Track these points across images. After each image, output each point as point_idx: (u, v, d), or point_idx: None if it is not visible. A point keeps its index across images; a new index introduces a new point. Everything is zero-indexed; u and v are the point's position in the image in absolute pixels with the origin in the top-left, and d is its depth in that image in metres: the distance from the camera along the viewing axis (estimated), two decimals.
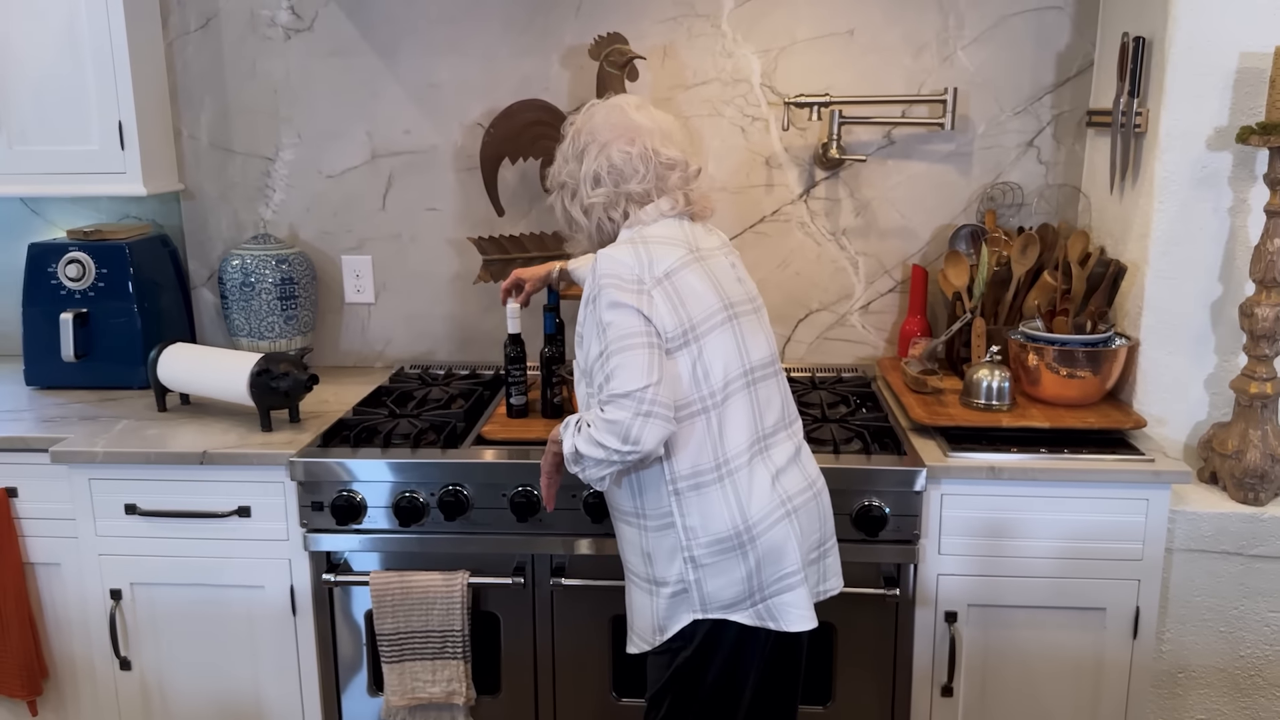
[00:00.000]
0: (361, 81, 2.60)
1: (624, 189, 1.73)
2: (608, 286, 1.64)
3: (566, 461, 1.68)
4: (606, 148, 1.73)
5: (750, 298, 1.78)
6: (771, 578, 1.67)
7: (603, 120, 1.77)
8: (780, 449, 1.72)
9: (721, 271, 1.73)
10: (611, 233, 1.78)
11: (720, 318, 1.67)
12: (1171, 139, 2.11)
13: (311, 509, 2.09)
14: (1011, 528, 2.05)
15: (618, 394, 1.58)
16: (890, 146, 2.55)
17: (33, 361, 2.56)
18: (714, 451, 1.65)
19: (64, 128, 2.44)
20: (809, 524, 1.72)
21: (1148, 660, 2.09)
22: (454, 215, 2.66)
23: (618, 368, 1.59)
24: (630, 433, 1.56)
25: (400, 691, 2.11)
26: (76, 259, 2.52)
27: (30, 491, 2.22)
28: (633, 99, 1.83)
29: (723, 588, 1.66)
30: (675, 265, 1.66)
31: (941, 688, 2.12)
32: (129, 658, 2.22)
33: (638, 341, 1.60)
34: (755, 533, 1.65)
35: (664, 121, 1.79)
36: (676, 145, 1.78)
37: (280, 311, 2.55)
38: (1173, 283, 2.17)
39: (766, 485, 1.67)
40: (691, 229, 1.76)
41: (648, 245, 1.68)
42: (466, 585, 2.06)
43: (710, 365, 1.65)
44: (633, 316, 1.61)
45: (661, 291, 1.63)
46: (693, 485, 1.65)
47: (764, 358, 1.74)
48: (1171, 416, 2.22)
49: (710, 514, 1.64)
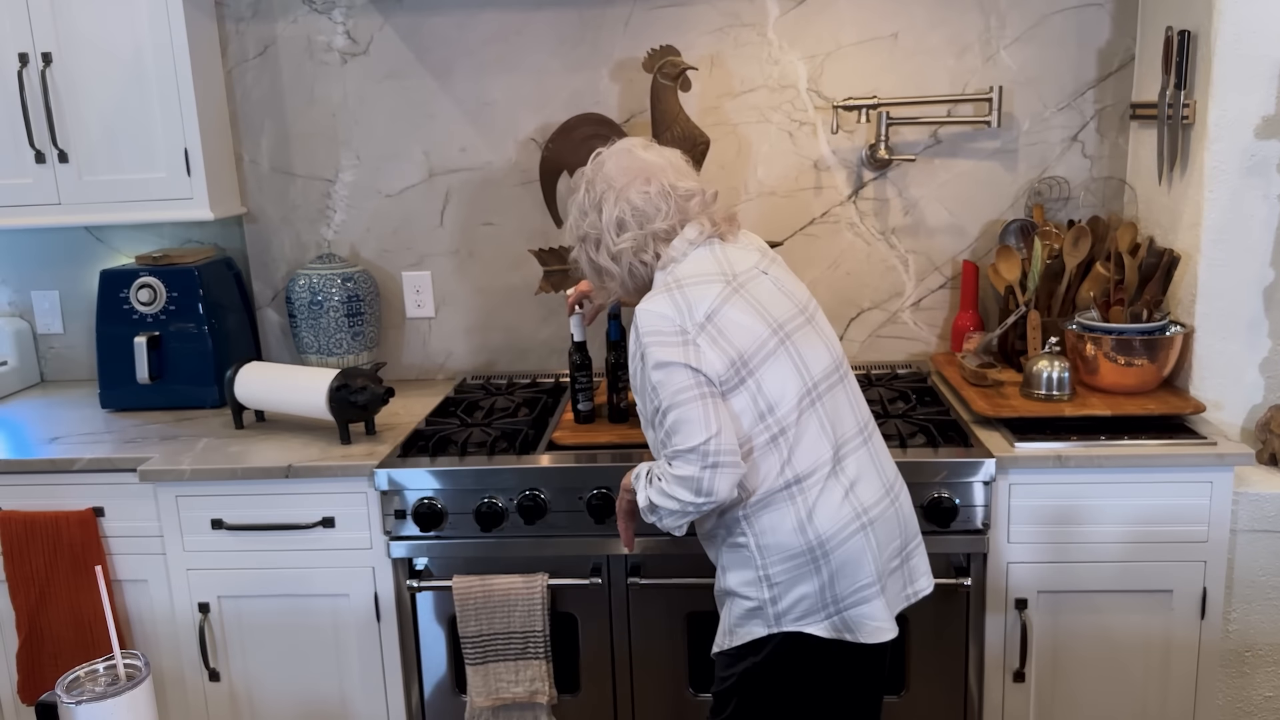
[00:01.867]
0: (417, 102, 2.67)
1: (650, 229, 1.71)
2: (651, 345, 1.63)
3: (642, 512, 1.70)
4: (625, 191, 1.72)
5: (800, 308, 1.74)
6: (847, 590, 1.66)
7: (615, 166, 1.75)
8: (853, 459, 1.69)
9: (764, 293, 1.69)
10: (645, 276, 1.76)
11: (772, 344, 1.64)
12: (1220, 129, 2.16)
13: (395, 517, 2.15)
14: (1078, 514, 2.09)
15: (681, 450, 1.59)
16: (937, 145, 2.61)
17: (108, 385, 2.63)
18: (784, 473, 1.64)
19: (131, 157, 2.52)
20: (887, 533, 1.70)
21: (1215, 640, 2.13)
22: (510, 229, 2.72)
23: (676, 424, 1.60)
24: (702, 485, 1.58)
25: (485, 692, 2.17)
26: (148, 284, 2.59)
27: (116, 510, 2.29)
28: (638, 140, 1.82)
29: (797, 602, 1.66)
30: (716, 304, 1.64)
31: (1014, 674, 2.16)
32: (218, 669, 2.29)
33: (691, 395, 1.59)
34: (829, 547, 1.63)
35: (672, 156, 1.78)
36: (689, 175, 1.77)
37: (348, 328, 2.62)
38: (1225, 270, 2.21)
39: (838, 500, 1.65)
40: (723, 252, 1.72)
41: (683, 289, 1.65)
42: (546, 587, 2.12)
43: (771, 395, 1.63)
44: (681, 372, 1.60)
45: (706, 337, 1.61)
46: (763, 505, 1.65)
47: (826, 367, 1.70)
48: (1228, 401, 2.26)
49: (782, 530, 1.64)
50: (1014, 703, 2.18)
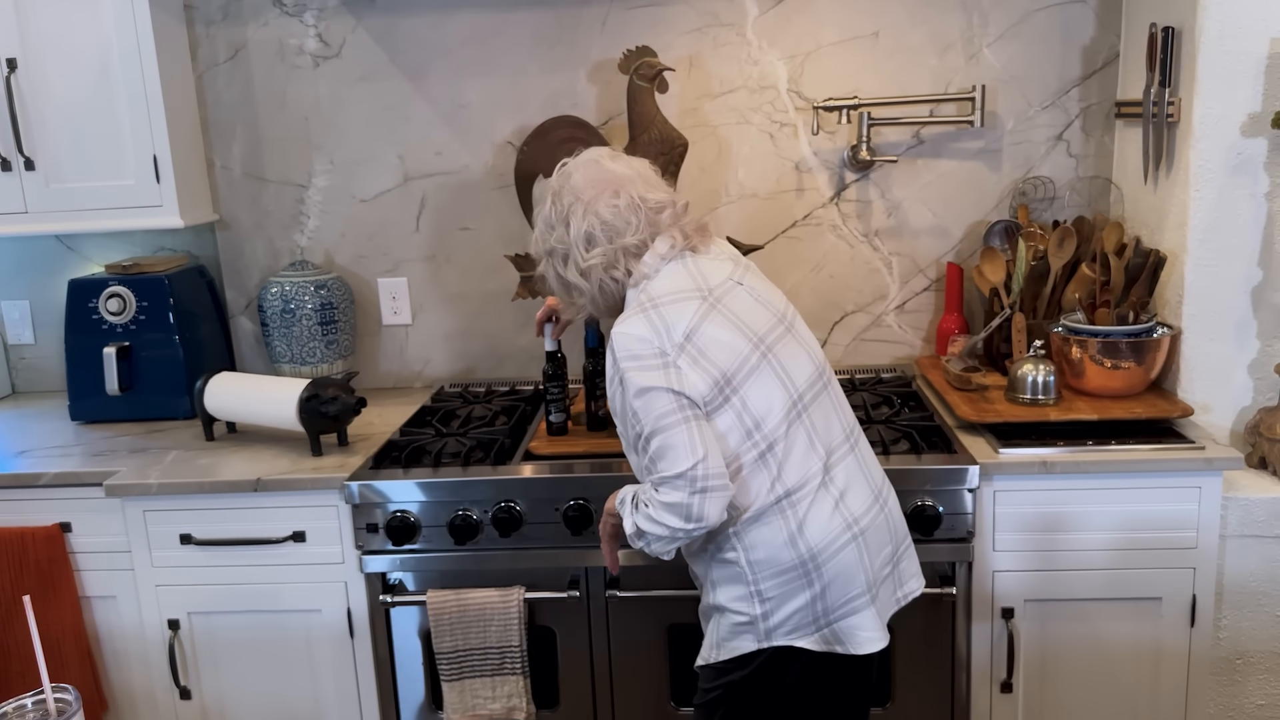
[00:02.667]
0: (391, 105, 2.62)
1: (620, 243, 1.66)
2: (630, 371, 1.58)
3: (629, 539, 1.67)
4: (593, 204, 1.66)
5: (779, 317, 1.69)
6: (838, 602, 1.62)
7: (583, 178, 1.69)
8: (842, 467, 1.65)
9: (741, 306, 1.65)
10: (615, 293, 1.71)
11: (754, 359, 1.60)
12: (1205, 127, 2.12)
13: (366, 531, 2.10)
14: (1065, 521, 2.05)
15: (668, 476, 1.55)
16: (920, 146, 2.57)
17: (77, 396, 2.58)
18: (775, 489, 1.60)
19: (100, 164, 2.46)
20: (878, 540, 1.66)
21: (1206, 648, 2.09)
22: (487, 234, 2.68)
23: (661, 449, 1.56)
24: (691, 511, 1.55)
25: (461, 709, 2.12)
26: (117, 293, 2.54)
27: (84, 526, 2.23)
28: (605, 150, 1.77)
29: (788, 617, 1.63)
30: (694, 322, 1.59)
31: (1000, 684, 2.12)
32: (188, 687, 2.24)
33: (674, 420, 1.55)
34: (821, 560, 1.60)
35: (641, 167, 1.73)
36: (659, 186, 1.72)
37: (321, 337, 2.57)
38: (1212, 270, 2.17)
39: (829, 511, 1.61)
40: (696, 266, 1.67)
41: (659, 309, 1.60)
42: (523, 600, 2.07)
43: (757, 411, 1.59)
44: (663, 397, 1.56)
45: (687, 357, 1.57)
46: (754, 521, 1.62)
47: (810, 375, 1.66)
48: (1216, 403, 2.22)
49: (773, 545, 1.60)
50: (1001, 713, 2.14)
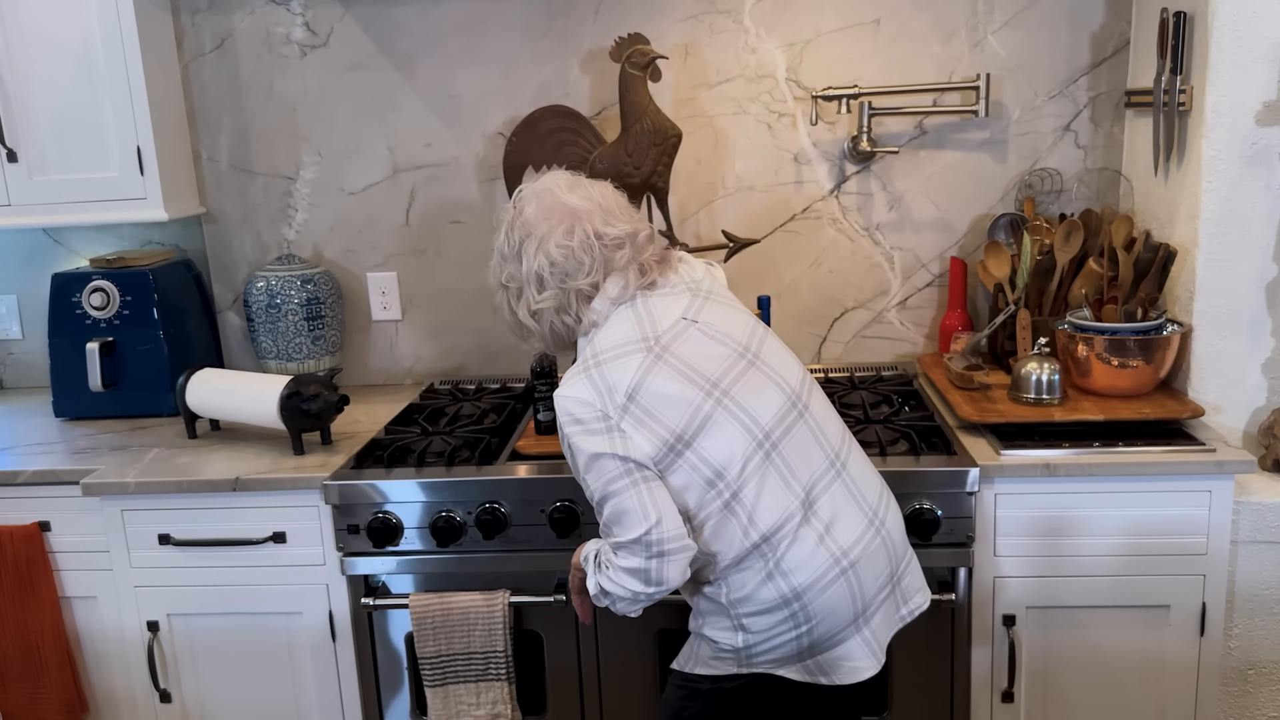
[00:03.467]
0: (380, 96, 2.56)
1: (571, 285, 1.60)
2: (574, 436, 1.52)
3: (593, 598, 1.63)
4: (544, 243, 1.59)
5: (740, 350, 1.58)
6: (825, 635, 1.57)
7: (535, 211, 1.62)
8: (826, 498, 1.56)
9: (692, 350, 1.55)
10: (565, 335, 1.67)
11: (707, 408, 1.51)
12: (1218, 116, 2.04)
13: (347, 532, 2.05)
14: (1069, 526, 1.97)
15: (624, 542, 1.51)
16: (922, 137, 2.49)
17: (61, 393, 2.53)
18: (749, 535, 1.52)
19: (83, 156, 2.41)
20: (872, 569, 1.58)
21: (1216, 657, 2.02)
22: (479, 227, 2.61)
23: (614, 515, 1.51)
24: (650, 575, 1.51)
25: (444, 716, 2.06)
26: (100, 287, 2.49)
27: (63, 524, 2.19)
28: (564, 178, 1.67)
29: (772, 649, 1.58)
30: (637, 379, 1.51)
31: (1001, 693, 2.05)
32: (169, 690, 2.19)
33: (622, 485, 1.49)
34: (807, 599, 1.53)
35: (602, 195, 1.64)
36: (621, 217, 1.63)
37: (307, 332, 2.52)
38: (1225, 265, 2.09)
39: (811, 547, 1.53)
40: (646, 309, 1.59)
41: (601, 368, 1.53)
42: (508, 604, 2.01)
43: (717, 461, 1.51)
44: (609, 462, 1.50)
45: (631, 419, 1.50)
46: (734, 566, 1.55)
47: (779, 409, 1.56)
48: (1228, 403, 2.14)
49: (753, 585, 1.55)
50: None
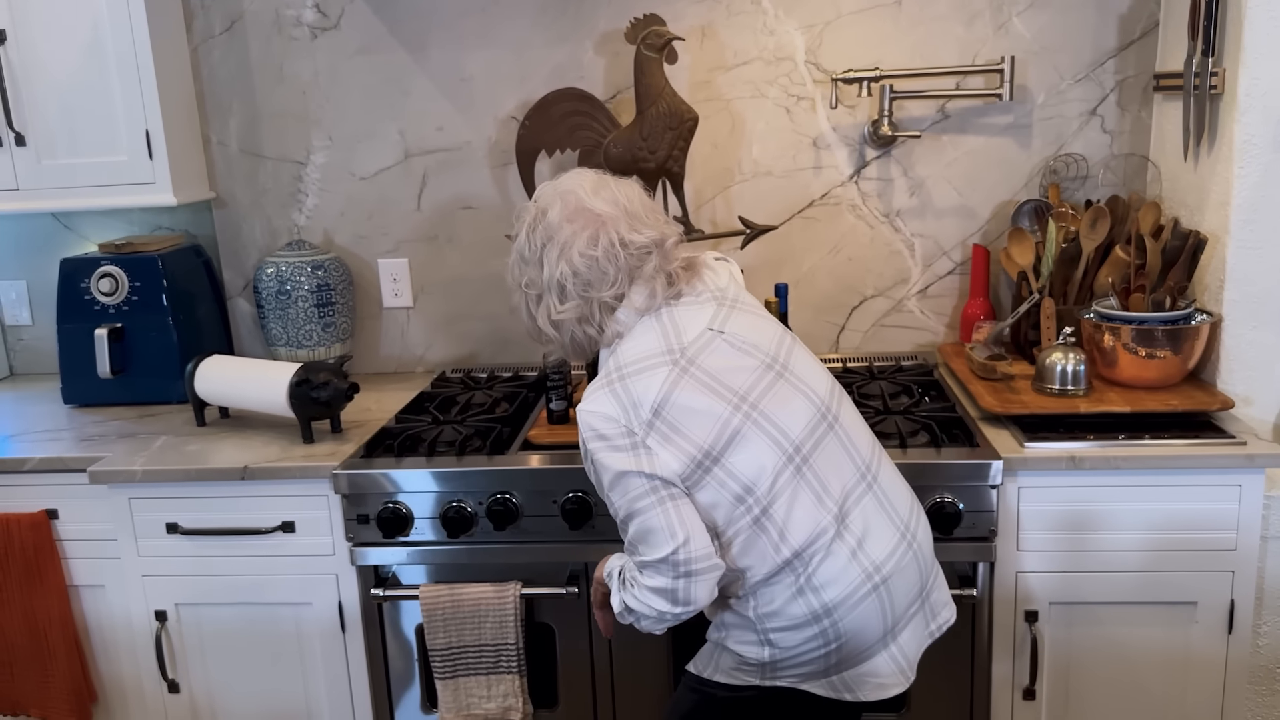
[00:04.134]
0: (391, 79, 2.52)
1: (594, 295, 1.54)
2: (598, 452, 1.47)
3: (617, 615, 1.57)
4: (567, 250, 1.53)
5: (769, 361, 1.53)
6: (853, 651, 1.52)
7: (558, 215, 1.55)
8: (858, 511, 1.51)
9: (719, 362, 1.50)
10: (586, 346, 1.61)
11: (736, 422, 1.46)
12: (1251, 99, 1.98)
13: (357, 522, 2.01)
14: (1094, 520, 1.93)
15: (650, 561, 1.46)
16: (945, 121, 2.43)
17: (70, 379, 2.51)
18: (780, 552, 1.47)
19: (91, 140, 2.39)
20: (904, 584, 1.53)
21: (1244, 656, 1.97)
22: (491, 213, 2.57)
23: (640, 534, 1.46)
24: (678, 596, 1.46)
25: (454, 709, 2.03)
26: (109, 273, 2.46)
27: (71, 513, 2.17)
28: (589, 179, 1.60)
29: (797, 666, 1.53)
30: (663, 393, 1.46)
31: (1023, 691, 2.00)
32: (177, 680, 2.17)
33: (648, 504, 1.45)
34: (838, 616, 1.48)
35: (628, 198, 1.57)
36: (647, 221, 1.56)
37: (318, 319, 2.49)
38: (1257, 253, 2.03)
39: (844, 562, 1.48)
40: (671, 320, 1.54)
41: (625, 382, 1.48)
42: (519, 596, 1.98)
43: (746, 476, 1.46)
44: (635, 480, 1.45)
45: (657, 436, 1.45)
46: (764, 582, 1.50)
47: (809, 421, 1.50)
48: (1258, 395, 2.08)
49: (782, 599, 1.49)
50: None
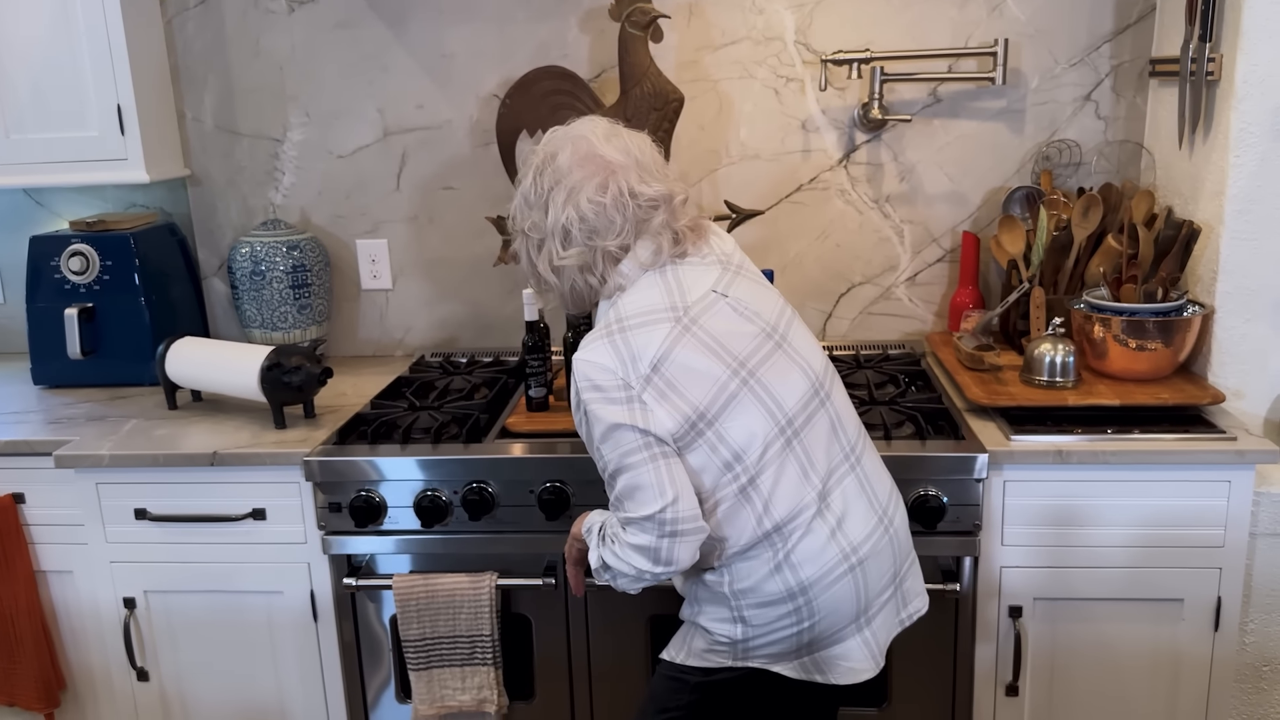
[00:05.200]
0: (370, 55, 2.46)
1: (598, 244, 1.50)
2: (592, 403, 1.44)
3: (594, 572, 1.55)
4: (575, 195, 1.48)
5: (769, 329, 1.51)
6: (825, 633, 1.50)
7: (569, 159, 1.51)
8: (839, 491, 1.50)
9: (721, 325, 1.48)
10: (586, 296, 1.57)
11: (733, 387, 1.44)
12: (1249, 86, 1.93)
13: (329, 510, 1.97)
14: (1080, 515, 1.89)
15: (635, 518, 1.43)
16: (936, 105, 2.38)
17: (39, 360, 2.46)
18: (762, 524, 1.46)
19: (62, 114, 2.33)
20: (879, 567, 1.52)
21: (1230, 653, 1.94)
22: (472, 194, 2.52)
23: (627, 490, 1.44)
24: (660, 555, 1.43)
25: (429, 700, 2.00)
26: (79, 251, 2.40)
27: (38, 497, 2.12)
28: (602, 125, 1.55)
29: (769, 644, 1.51)
30: (664, 348, 1.43)
31: (1006, 687, 1.97)
32: (146, 668, 2.12)
33: (640, 459, 1.42)
34: (812, 594, 1.47)
35: (639, 149, 1.53)
36: (657, 176, 1.52)
37: (293, 301, 2.43)
38: (1251, 244, 2.00)
39: (823, 541, 1.47)
40: (676, 277, 1.51)
41: (626, 334, 1.45)
42: (495, 587, 1.94)
43: (737, 443, 1.44)
44: (627, 434, 1.42)
45: (654, 391, 1.42)
46: (740, 555, 1.48)
47: (803, 395, 1.49)
48: (1250, 389, 2.05)
49: (759, 576, 1.48)
50: (1005, 718, 2.00)
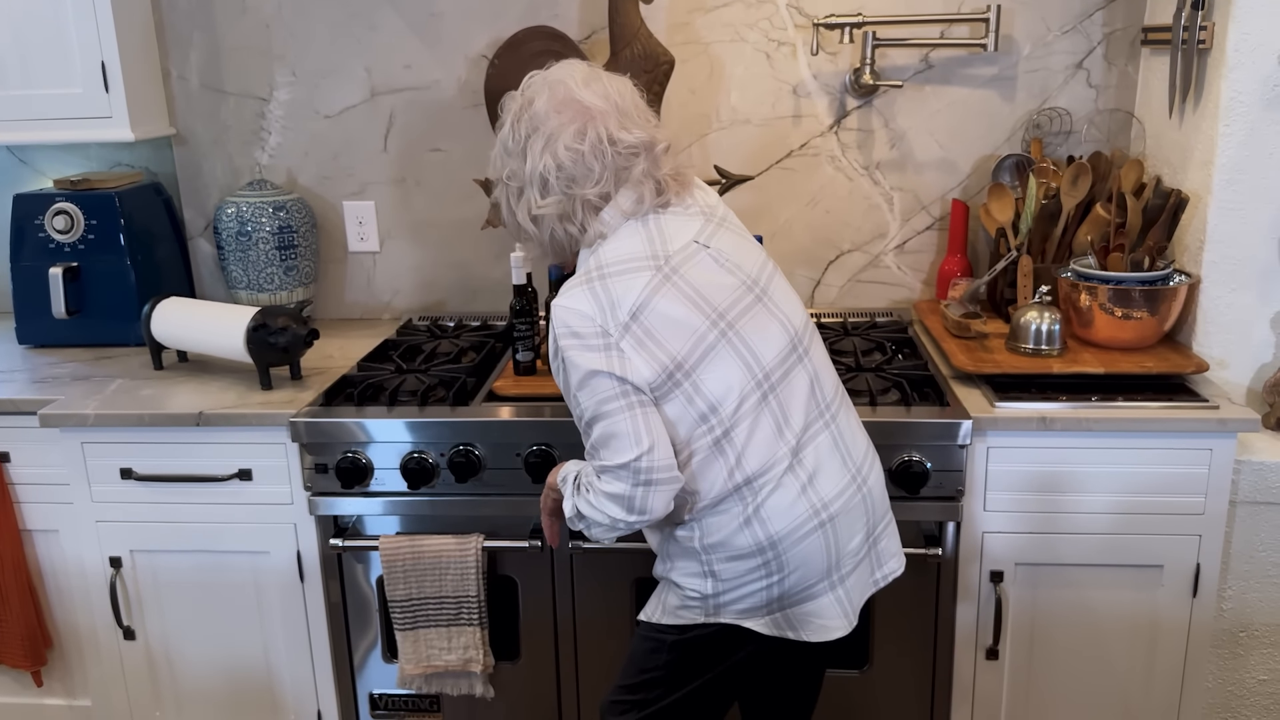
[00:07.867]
0: (357, 13, 2.43)
1: (576, 193, 1.48)
2: (570, 350, 1.44)
3: (568, 520, 1.55)
4: (552, 142, 1.47)
5: (749, 282, 1.51)
6: (796, 588, 1.51)
7: (546, 105, 1.48)
8: (813, 447, 1.50)
9: (702, 275, 1.47)
10: (566, 245, 1.56)
11: (711, 338, 1.44)
12: (1240, 55, 1.93)
13: (315, 471, 1.97)
14: (1063, 482, 1.91)
15: (611, 466, 1.43)
16: (928, 71, 2.37)
17: (24, 319, 2.44)
18: (734, 477, 1.46)
19: (45, 70, 2.30)
20: (850, 525, 1.53)
21: (1208, 619, 1.96)
22: (460, 156, 2.50)
23: (603, 437, 1.44)
24: (634, 503, 1.43)
25: (415, 660, 2.01)
26: (64, 210, 2.38)
27: (24, 456, 2.12)
28: (580, 69, 1.53)
29: (740, 599, 1.52)
30: (643, 296, 1.43)
31: (986, 650, 2.00)
32: (132, 627, 2.13)
33: (616, 407, 1.42)
34: (782, 549, 1.48)
35: (619, 94, 1.51)
36: (638, 122, 1.50)
37: (279, 262, 2.42)
38: (1238, 214, 2.00)
39: (793, 496, 1.47)
40: (659, 227, 1.50)
41: (605, 281, 1.44)
42: (481, 549, 1.95)
43: (713, 395, 1.44)
44: (604, 381, 1.42)
45: (632, 339, 1.42)
46: (710, 508, 1.49)
47: (781, 350, 1.49)
48: (1233, 359, 2.06)
49: (729, 530, 1.48)
50: (986, 681, 2.02)
